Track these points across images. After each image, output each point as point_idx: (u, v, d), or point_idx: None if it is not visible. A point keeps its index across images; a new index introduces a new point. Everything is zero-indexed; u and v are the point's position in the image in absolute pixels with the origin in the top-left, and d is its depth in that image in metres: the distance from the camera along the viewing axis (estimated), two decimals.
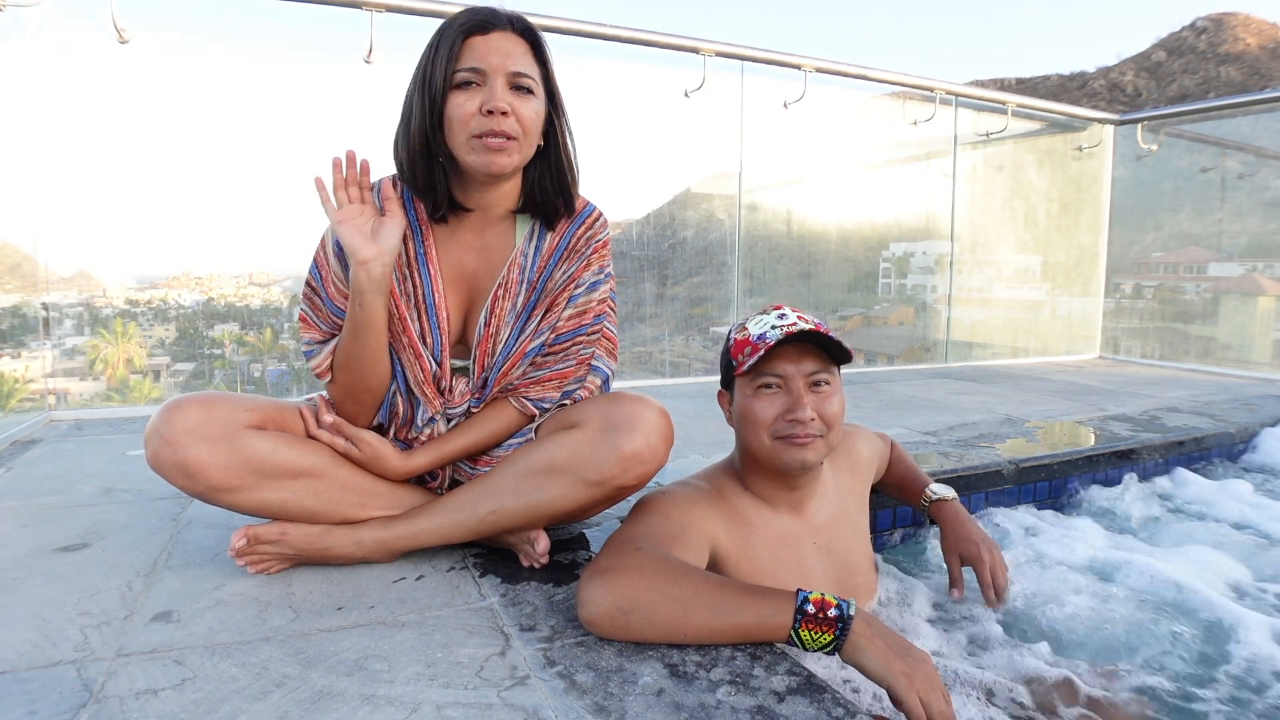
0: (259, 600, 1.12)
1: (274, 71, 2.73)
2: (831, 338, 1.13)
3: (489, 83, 1.10)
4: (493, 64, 1.10)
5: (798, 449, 1.14)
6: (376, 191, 1.18)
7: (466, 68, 1.10)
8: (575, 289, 1.26)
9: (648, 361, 3.65)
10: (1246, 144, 4.11)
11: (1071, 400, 2.97)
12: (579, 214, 1.27)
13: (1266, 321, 4.06)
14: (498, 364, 1.25)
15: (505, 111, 1.10)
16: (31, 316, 2.58)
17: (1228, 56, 65.01)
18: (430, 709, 0.85)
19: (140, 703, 0.85)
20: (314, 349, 1.24)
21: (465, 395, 1.26)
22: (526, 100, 1.13)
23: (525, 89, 1.13)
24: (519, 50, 1.13)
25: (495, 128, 1.10)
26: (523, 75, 1.12)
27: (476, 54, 1.10)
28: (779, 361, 1.14)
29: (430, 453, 1.24)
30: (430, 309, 1.22)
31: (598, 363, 1.32)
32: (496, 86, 1.10)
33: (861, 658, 0.91)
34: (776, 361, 1.14)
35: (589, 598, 0.98)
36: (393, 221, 1.15)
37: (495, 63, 1.10)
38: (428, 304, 1.22)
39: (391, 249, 1.14)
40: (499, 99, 1.10)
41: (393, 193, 1.18)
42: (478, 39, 1.11)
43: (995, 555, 1.33)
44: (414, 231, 1.21)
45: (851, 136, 3.91)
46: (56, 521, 1.46)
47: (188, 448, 1.08)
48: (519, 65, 1.12)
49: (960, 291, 4.24)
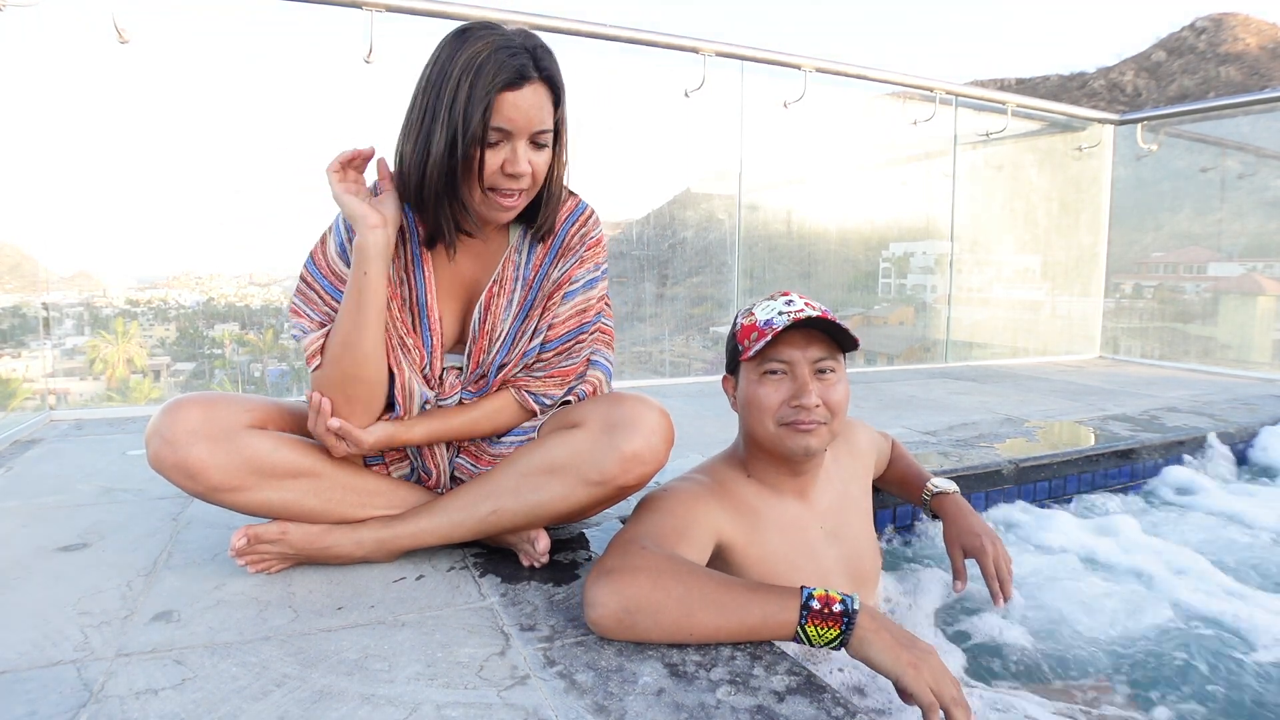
0: (259, 600, 1.12)
1: (274, 71, 2.73)
2: (839, 324, 1.13)
3: (512, 142, 1.10)
4: (520, 126, 1.09)
5: (802, 435, 1.14)
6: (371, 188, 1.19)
7: (495, 127, 1.08)
8: (572, 285, 1.26)
9: (648, 361, 3.65)
10: (1246, 144, 4.10)
11: (1071, 400, 2.97)
12: (572, 212, 1.27)
13: (1266, 321, 4.06)
14: (496, 361, 1.25)
15: (527, 173, 1.11)
16: (31, 316, 2.58)
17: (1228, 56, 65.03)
18: (430, 709, 0.85)
19: (140, 702, 0.85)
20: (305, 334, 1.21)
21: (455, 387, 1.26)
22: (542, 152, 1.13)
23: (543, 144, 1.13)
24: (543, 103, 1.10)
25: (512, 186, 1.11)
26: (543, 133, 1.11)
27: (505, 113, 1.07)
28: (785, 347, 1.14)
29: (426, 425, 1.22)
30: (423, 310, 1.23)
31: (598, 357, 1.32)
32: (520, 149, 1.10)
33: (868, 651, 0.91)
34: (783, 347, 1.14)
35: (596, 599, 0.97)
36: (389, 196, 1.16)
37: (522, 125, 1.09)
38: (421, 306, 1.22)
39: (394, 218, 1.14)
40: (521, 162, 1.10)
41: (388, 172, 1.17)
42: (510, 95, 1.07)
43: (998, 547, 1.32)
44: (411, 234, 1.21)
45: (851, 136, 3.91)
46: (56, 521, 1.46)
47: (188, 447, 1.08)
48: (543, 122, 1.11)
49: (960, 291, 4.24)
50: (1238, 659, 1.26)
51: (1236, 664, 1.25)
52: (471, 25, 1.12)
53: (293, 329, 1.24)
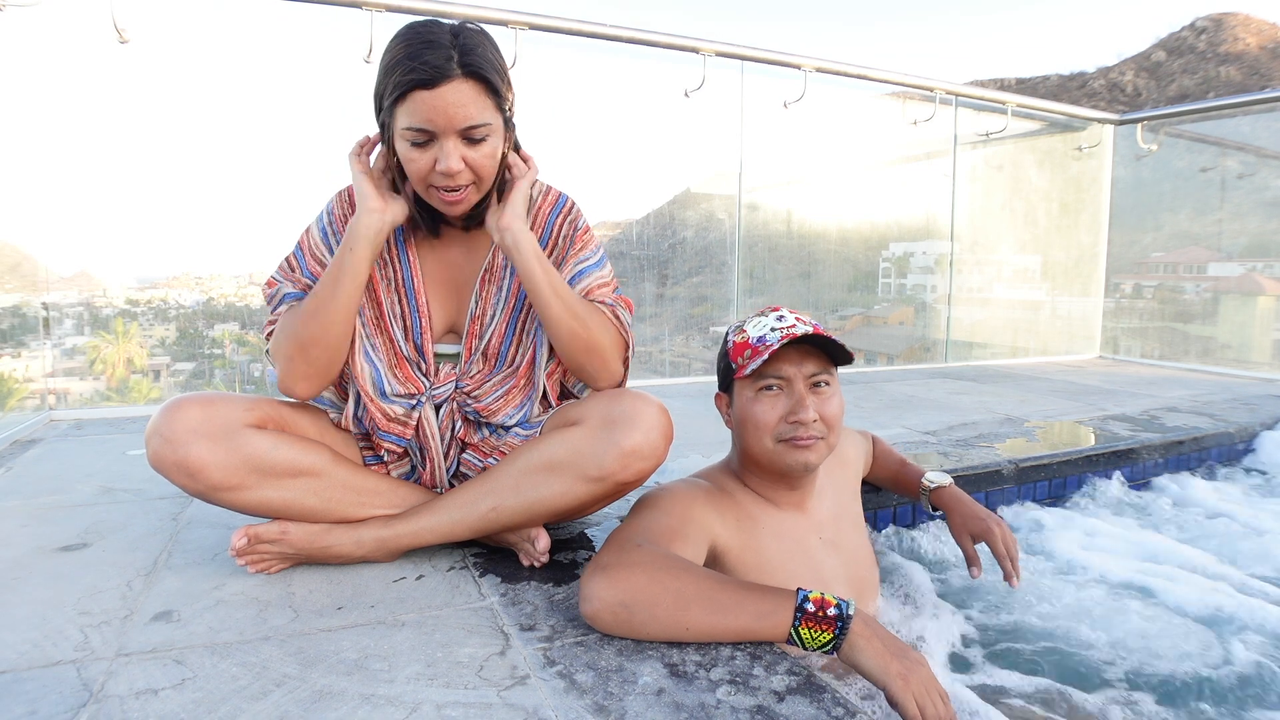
0: (259, 600, 1.12)
1: (274, 71, 2.73)
2: (833, 340, 1.13)
3: (440, 141, 1.08)
4: (440, 125, 1.06)
5: (801, 451, 1.14)
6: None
7: (415, 127, 1.06)
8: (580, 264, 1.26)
9: (648, 361, 3.65)
10: (1246, 144, 4.10)
11: (1071, 400, 2.97)
12: (555, 205, 1.28)
13: (1266, 321, 4.06)
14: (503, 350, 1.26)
15: (458, 171, 1.09)
16: (31, 316, 2.58)
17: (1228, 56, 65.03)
18: (430, 709, 0.85)
19: (140, 702, 0.85)
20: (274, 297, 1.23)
21: (450, 376, 1.26)
22: (479, 146, 1.10)
23: (478, 139, 1.10)
24: (468, 98, 1.06)
25: (449, 184, 1.11)
26: (475, 127, 1.08)
27: (423, 114, 1.05)
28: (781, 363, 1.14)
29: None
30: (410, 292, 1.24)
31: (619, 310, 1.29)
32: (448, 147, 1.08)
33: (859, 657, 0.92)
34: (778, 363, 1.14)
35: (591, 593, 0.98)
36: (402, 199, 1.18)
37: (443, 124, 1.06)
38: (407, 287, 1.24)
39: (394, 217, 1.16)
40: (451, 159, 1.08)
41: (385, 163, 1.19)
42: (423, 94, 1.04)
43: (1004, 529, 1.32)
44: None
45: (851, 136, 3.91)
46: (56, 521, 1.46)
47: (188, 447, 1.08)
48: (470, 118, 1.07)
49: (960, 291, 4.24)
50: (1236, 659, 1.26)
51: (1235, 664, 1.25)
52: (410, 24, 1.11)
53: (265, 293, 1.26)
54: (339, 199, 1.26)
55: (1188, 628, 1.37)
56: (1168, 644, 1.31)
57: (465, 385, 1.27)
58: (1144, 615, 1.40)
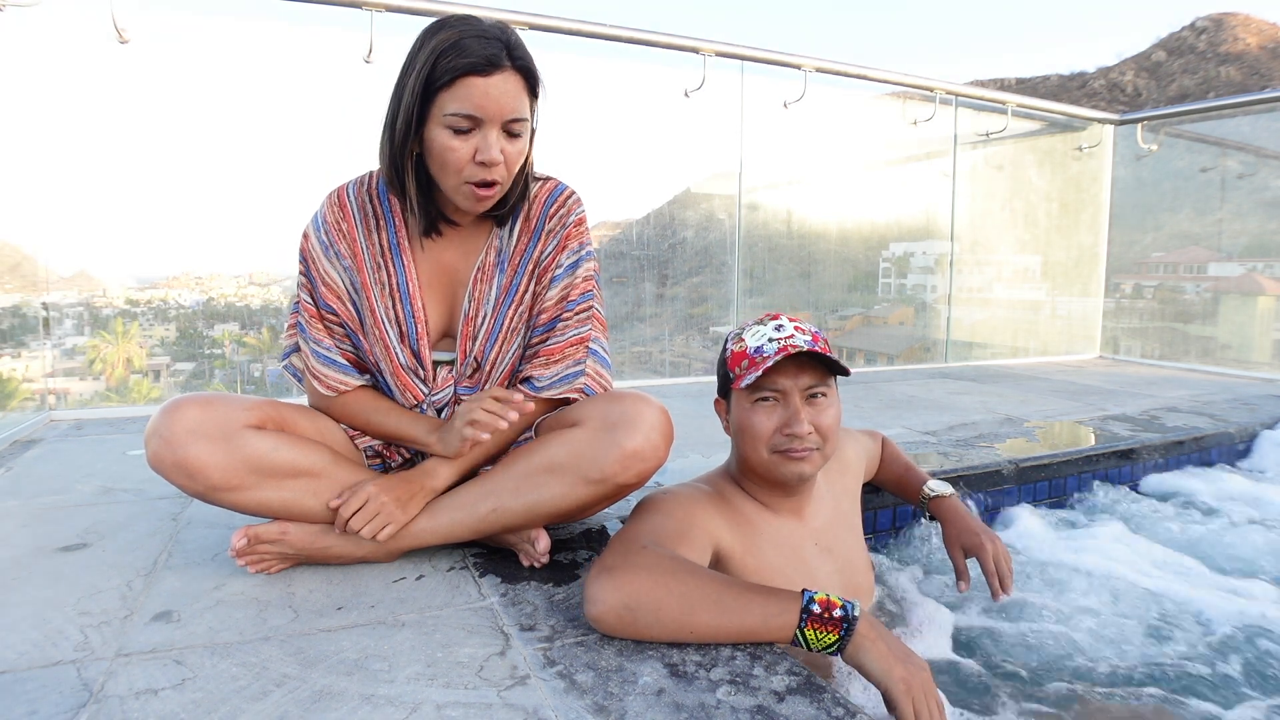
0: (259, 600, 1.12)
1: (274, 71, 2.73)
2: (830, 357, 1.13)
3: (484, 130, 1.08)
4: (490, 113, 1.07)
5: (795, 463, 1.14)
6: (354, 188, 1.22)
7: (463, 113, 1.06)
8: (556, 270, 1.25)
9: (648, 361, 3.65)
10: (1246, 144, 4.10)
11: (1071, 400, 2.97)
12: (551, 193, 1.26)
13: (1266, 321, 4.06)
14: (487, 354, 1.25)
15: (499, 162, 1.09)
16: (31, 316, 2.58)
17: (1228, 56, 65.03)
18: (430, 709, 0.85)
19: (140, 702, 0.85)
20: (322, 365, 1.25)
21: (448, 380, 1.26)
22: (516, 142, 1.11)
23: (517, 133, 1.11)
24: (515, 90, 1.08)
25: (487, 177, 1.10)
26: (517, 120, 1.09)
27: (475, 100, 1.05)
28: (777, 375, 1.14)
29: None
30: (404, 297, 1.22)
31: (595, 345, 1.28)
32: (491, 137, 1.08)
33: (863, 659, 0.92)
34: (774, 375, 1.14)
35: (596, 595, 0.98)
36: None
37: (493, 111, 1.07)
38: (402, 292, 1.22)
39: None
40: (494, 151, 1.08)
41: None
42: (478, 81, 1.05)
43: (997, 545, 1.33)
44: (387, 223, 1.21)
45: (851, 136, 3.91)
46: (56, 521, 1.46)
47: (187, 447, 1.08)
48: (516, 110, 1.08)
49: (960, 291, 4.24)
50: (1237, 659, 1.26)
51: (1236, 664, 1.25)
52: (449, 17, 1.11)
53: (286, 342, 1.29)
54: (329, 203, 1.23)
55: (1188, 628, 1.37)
56: (1167, 645, 1.31)
57: (466, 392, 1.27)
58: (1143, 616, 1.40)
